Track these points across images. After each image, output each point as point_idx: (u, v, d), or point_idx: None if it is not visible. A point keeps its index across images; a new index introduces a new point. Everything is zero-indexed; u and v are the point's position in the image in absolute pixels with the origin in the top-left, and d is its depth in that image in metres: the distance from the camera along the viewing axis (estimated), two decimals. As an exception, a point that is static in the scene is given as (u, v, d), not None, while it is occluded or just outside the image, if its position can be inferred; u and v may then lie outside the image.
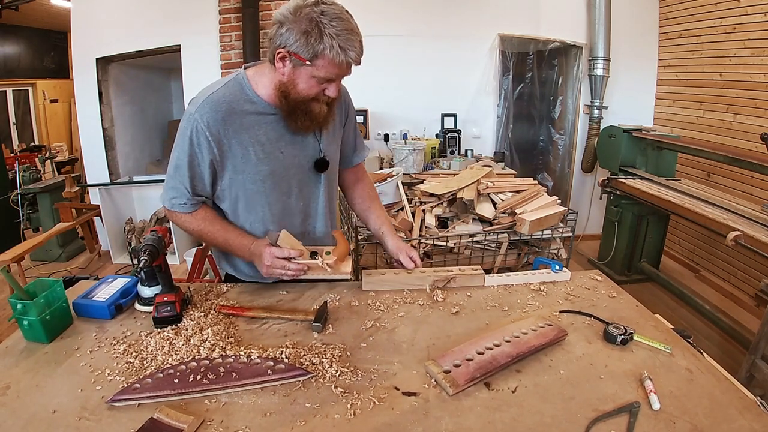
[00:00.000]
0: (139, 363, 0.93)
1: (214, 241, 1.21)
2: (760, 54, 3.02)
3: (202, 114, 1.08)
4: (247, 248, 1.18)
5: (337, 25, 0.98)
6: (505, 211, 2.28)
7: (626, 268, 3.44)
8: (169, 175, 1.16)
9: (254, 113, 1.13)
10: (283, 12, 1.00)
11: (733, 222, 2.25)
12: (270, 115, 1.14)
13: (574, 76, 3.97)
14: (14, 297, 1.01)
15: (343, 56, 0.99)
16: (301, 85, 1.06)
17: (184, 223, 1.20)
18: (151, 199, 4.09)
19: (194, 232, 1.21)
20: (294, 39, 0.99)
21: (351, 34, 0.99)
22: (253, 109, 1.13)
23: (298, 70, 1.04)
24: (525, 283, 1.31)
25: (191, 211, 1.18)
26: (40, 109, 6.64)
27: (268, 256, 1.13)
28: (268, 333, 1.07)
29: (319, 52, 0.99)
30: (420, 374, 0.91)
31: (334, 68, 1.02)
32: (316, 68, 1.02)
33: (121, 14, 3.69)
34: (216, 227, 1.20)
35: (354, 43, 1.00)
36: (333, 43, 0.98)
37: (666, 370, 0.92)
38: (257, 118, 1.13)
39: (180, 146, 1.12)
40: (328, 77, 1.05)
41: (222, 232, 1.20)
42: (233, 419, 0.78)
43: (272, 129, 1.15)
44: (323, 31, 0.97)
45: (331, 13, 0.98)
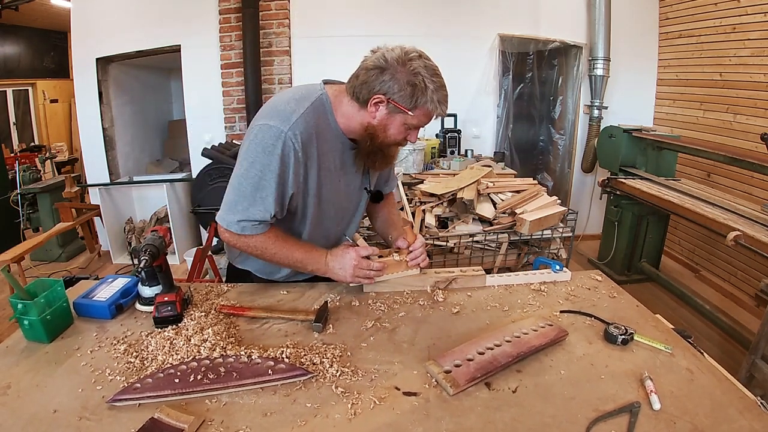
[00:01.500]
0: (140, 363, 0.93)
1: (289, 259, 1.17)
2: (760, 54, 3.02)
3: (295, 133, 1.05)
4: (324, 259, 1.19)
5: (436, 81, 1.05)
6: (505, 211, 2.28)
7: (626, 268, 3.44)
8: (240, 192, 1.08)
9: (332, 139, 1.15)
10: (387, 59, 1.03)
11: (733, 222, 2.25)
12: (340, 143, 1.17)
13: (574, 76, 3.97)
14: (15, 297, 1.01)
15: (439, 109, 1.07)
16: (391, 131, 1.11)
17: (255, 244, 1.14)
18: (151, 199, 4.08)
19: (266, 252, 1.15)
20: (398, 88, 1.03)
21: (444, 90, 1.07)
22: (331, 135, 1.14)
23: (393, 116, 1.08)
24: (525, 283, 1.31)
25: (264, 231, 1.13)
26: (40, 109, 6.64)
27: (354, 254, 1.17)
28: (269, 333, 1.07)
29: (420, 103, 1.05)
30: (420, 374, 0.91)
31: (426, 119, 1.09)
32: (412, 117, 1.07)
33: (121, 14, 3.69)
34: (290, 244, 1.17)
35: (446, 99, 1.08)
36: (433, 97, 1.05)
37: (666, 370, 0.92)
38: (333, 145, 1.16)
39: (264, 163, 1.05)
40: (418, 125, 1.11)
41: (297, 248, 1.18)
42: (234, 419, 0.78)
43: (339, 157, 1.18)
44: (427, 86, 1.03)
45: (431, 69, 1.05)
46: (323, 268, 1.19)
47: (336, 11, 3.64)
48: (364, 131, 1.12)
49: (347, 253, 1.18)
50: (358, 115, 1.11)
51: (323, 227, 1.26)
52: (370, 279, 1.21)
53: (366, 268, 1.18)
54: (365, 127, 1.11)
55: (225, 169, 3.14)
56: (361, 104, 1.08)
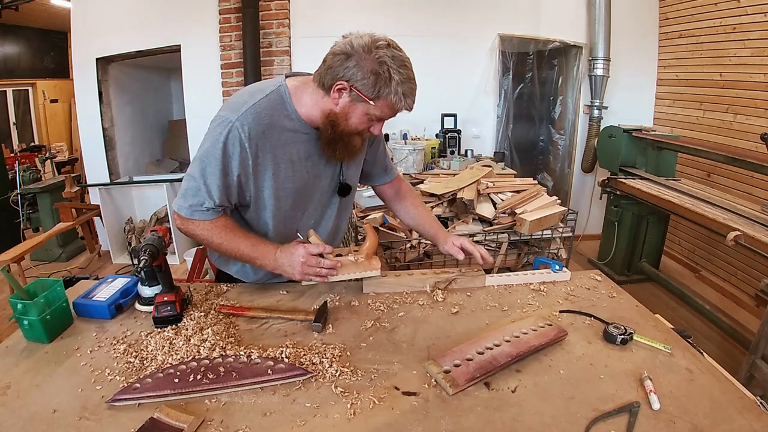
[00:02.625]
0: (140, 363, 0.93)
1: (236, 249, 1.15)
2: (760, 54, 3.02)
3: (243, 123, 1.05)
4: (273, 254, 1.14)
5: (402, 72, 1.01)
6: (505, 211, 2.28)
7: (626, 268, 3.44)
8: (191, 178, 1.10)
9: (291, 130, 1.13)
10: (353, 45, 1.00)
11: (733, 222, 2.25)
12: (303, 134, 1.14)
13: (574, 76, 3.97)
14: (14, 297, 1.01)
15: (402, 103, 1.04)
16: (353, 119, 1.08)
17: (202, 232, 1.14)
18: (151, 199, 4.08)
19: (213, 241, 1.14)
20: (361, 76, 1.00)
21: (412, 83, 1.04)
22: (291, 125, 1.12)
23: (355, 104, 1.05)
24: (525, 283, 1.31)
25: (212, 219, 1.13)
26: (40, 109, 6.64)
27: (303, 251, 1.11)
28: (268, 333, 1.07)
29: (383, 94, 1.02)
30: (420, 374, 0.91)
31: (390, 111, 1.06)
32: (374, 107, 1.05)
33: (121, 14, 3.69)
34: (237, 235, 1.15)
35: (413, 92, 1.05)
36: (398, 89, 1.01)
37: (666, 370, 0.92)
38: (293, 136, 1.13)
39: (210, 152, 1.06)
40: (381, 117, 1.08)
41: (244, 239, 1.15)
42: (233, 419, 0.78)
43: (303, 148, 1.16)
44: (391, 76, 1.00)
45: (399, 59, 1.01)
46: (272, 264, 1.14)
47: (336, 11, 3.64)
48: (326, 118, 1.09)
49: (296, 250, 1.12)
50: (322, 101, 1.08)
51: (292, 221, 1.23)
52: (322, 278, 1.15)
53: (316, 265, 1.12)
54: (326, 113, 1.08)
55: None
56: (326, 90, 1.06)
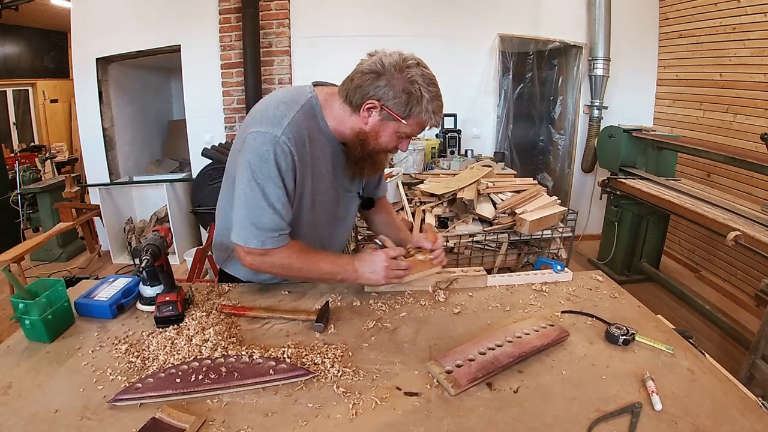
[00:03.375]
0: (141, 362, 0.93)
1: (318, 271, 1.14)
2: (760, 54, 3.02)
3: (289, 136, 1.02)
4: (352, 265, 1.15)
5: (432, 91, 1.02)
6: (505, 211, 2.28)
7: (626, 268, 3.44)
8: (252, 206, 1.04)
9: (324, 142, 1.13)
10: (384, 64, 1.01)
11: (733, 222, 2.25)
12: (331, 147, 1.15)
13: (574, 76, 3.97)
14: (16, 296, 1.01)
15: (433, 120, 1.05)
16: (383, 138, 1.08)
17: (281, 261, 1.10)
18: (151, 199, 4.08)
19: (292, 267, 1.12)
20: (393, 95, 1.01)
21: (440, 100, 1.05)
22: (322, 138, 1.12)
23: (385, 123, 1.05)
24: (527, 284, 1.31)
25: (286, 243, 1.09)
26: (40, 109, 6.64)
27: (384, 258, 1.14)
28: (270, 333, 1.07)
29: (415, 113, 1.03)
30: (422, 374, 0.91)
31: (419, 128, 1.07)
32: (405, 126, 1.05)
33: (121, 14, 3.69)
34: (315, 255, 1.14)
35: (441, 109, 1.06)
36: (428, 107, 1.02)
37: (668, 370, 0.92)
38: (324, 149, 1.13)
39: (264, 172, 1.02)
40: (410, 134, 1.09)
41: (323, 258, 1.15)
42: (235, 419, 0.78)
43: (330, 161, 1.16)
44: (423, 95, 1.01)
45: (428, 78, 1.03)
46: (353, 275, 1.16)
47: (336, 11, 3.64)
48: (355, 137, 1.09)
49: (377, 256, 1.15)
50: (350, 119, 1.08)
51: (317, 233, 1.24)
52: (400, 279, 1.19)
53: (395, 268, 1.16)
54: (356, 132, 1.08)
55: (225, 169, 3.14)
56: (354, 108, 1.06)
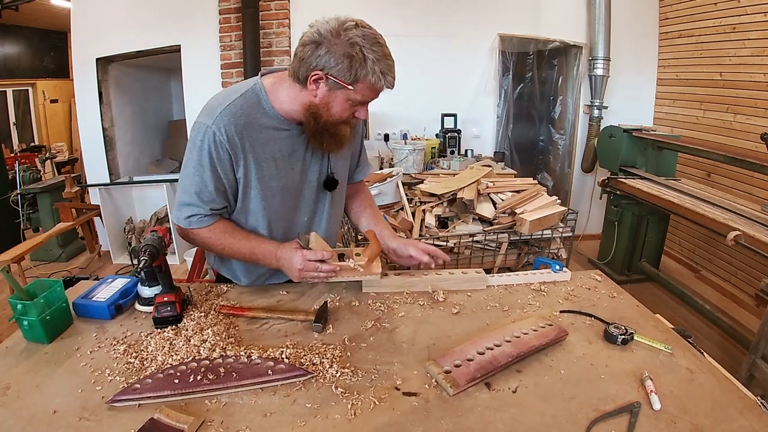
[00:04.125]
0: (140, 363, 0.93)
1: (237, 252, 1.17)
2: (760, 54, 3.02)
3: (219, 126, 1.04)
4: (274, 254, 1.15)
5: (377, 50, 0.98)
6: (505, 211, 2.28)
7: (626, 268, 3.44)
8: (183, 191, 1.11)
9: (270, 128, 1.11)
10: (321, 32, 0.98)
11: (733, 222, 2.25)
12: (284, 131, 1.13)
13: (574, 76, 3.97)
14: (14, 297, 1.01)
15: (383, 81, 0.99)
16: (335, 108, 1.05)
17: (203, 240, 1.15)
18: (151, 199, 4.08)
19: (215, 246, 1.16)
20: (335, 62, 0.97)
21: (389, 59, 1.00)
22: (269, 123, 1.11)
23: (334, 92, 1.02)
24: (525, 283, 1.31)
25: (209, 225, 1.14)
26: (40, 109, 6.64)
27: (300, 259, 1.11)
28: (269, 333, 1.07)
29: (361, 76, 0.98)
30: (420, 374, 0.91)
31: (372, 93, 1.03)
32: (354, 92, 1.01)
33: (121, 14, 3.69)
34: (237, 238, 1.16)
35: (391, 69, 1.01)
36: (375, 68, 0.97)
37: (666, 370, 0.92)
38: (273, 133, 1.12)
39: (195, 159, 1.07)
40: (363, 101, 1.05)
41: (245, 241, 1.16)
42: (233, 419, 0.78)
43: (286, 145, 1.14)
44: (366, 56, 0.97)
45: (371, 38, 0.98)
46: (275, 263, 1.16)
47: (336, 11, 3.60)
48: (307, 111, 1.06)
49: (294, 255, 1.12)
50: (300, 95, 1.06)
51: (286, 220, 1.22)
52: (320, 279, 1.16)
53: (312, 270, 1.12)
54: (307, 106, 1.06)
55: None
56: (302, 83, 1.03)
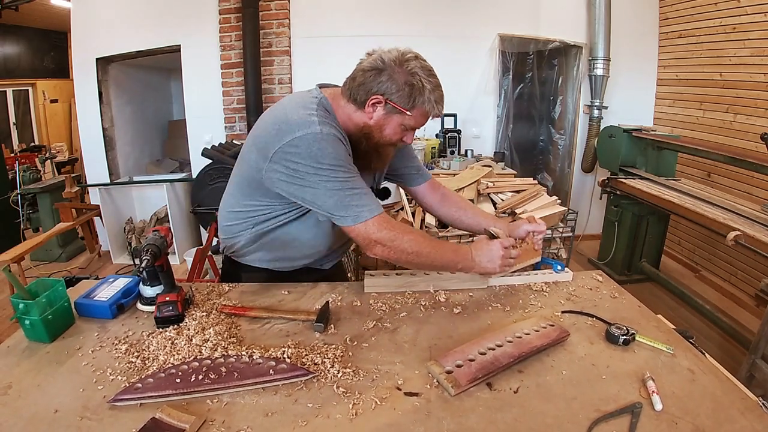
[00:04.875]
0: (141, 363, 0.93)
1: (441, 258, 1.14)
2: (760, 54, 3.02)
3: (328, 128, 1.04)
4: (469, 254, 1.17)
5: (432, 81, 1.06)
6: (505, 211, 2.28)
7: (626, 268, 3.44)
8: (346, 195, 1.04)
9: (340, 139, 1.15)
10: (384, 60, 1.05)
11: (733, 222, 2.25)
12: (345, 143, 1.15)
13: (574, 76, 3.97)
14: (16, 296, 1.01)
15: (436, 110, 1.08)
16: (387, 131, 1.11)
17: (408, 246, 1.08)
18: (151, 199, 4.08)
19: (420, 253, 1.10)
20: (396, 89, 1.04)
21: (440, 90, 1.08)
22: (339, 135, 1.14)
23: (390, 116, 1.09)
24: (527, 284, 1.31)
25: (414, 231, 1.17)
26: (40, 109, 6.63)
27: (500, 247, 1.17)
28: (270, 333, 1.07)
29: (418, 104, 1.06)
30: (422, 374, 0.91)
31: (424, 119, 1.10)
32: (409, 117, 1.08)
33: (121, 14, 3.69)
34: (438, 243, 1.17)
35: (442, 99, 1.09)
36: (431, 98, 1.06)
37: (668, 370, 0.92)
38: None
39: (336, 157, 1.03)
40: (415, 126, 1.12)
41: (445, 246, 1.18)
42: (235, 419, 0.78)
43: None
44: (424, 86, 1.05)
45: (427, 69, 1.07)
46: (470, 264, 1.17)
47: (336, 11, 3.64)
48: (360, 131, 1.13)
49: (494, 245, 1.18)
50: (355, 115, 1.12)
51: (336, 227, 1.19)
52: (510, 267, 1.23)
53: (508, 256, 1.19)
54: (361, 127, 1.12)
55: (225, 169, 3.13)
56: (359, 105, 1.10)
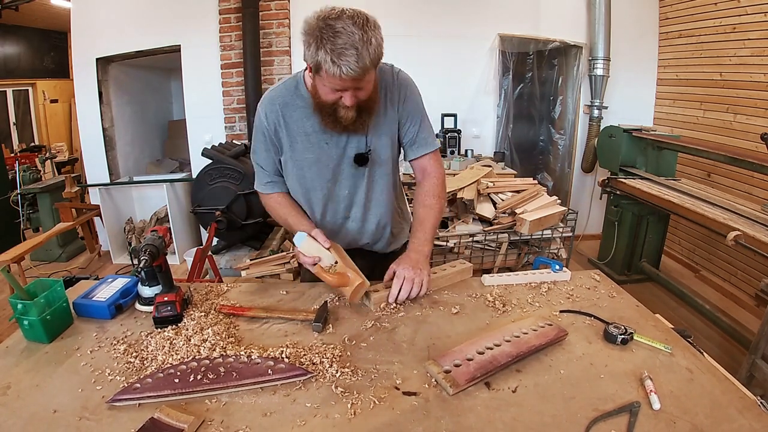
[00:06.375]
0: (140, 363, 0.93)
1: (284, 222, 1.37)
2: (760, 54, 3.02)
3: (262, 108, 1.27)
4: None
5: (334, 39, 0.99)
6: (505, 211, 2.28)
7: (626, 268, 3.44)
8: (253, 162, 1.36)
9: (303, 107, 1.24)
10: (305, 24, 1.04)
11: (733, 222, 2.25)
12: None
13: (574, 76, 3.97)
14: (15, 297, 1.01)
15: (336, 70, 1.00)
16: (321, 93, 1.13)
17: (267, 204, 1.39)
18: (151, 199, 4.08)
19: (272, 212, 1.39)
20: (305, 51, 1.05)
21: (347, 48, 0.99)
22: (303, 103, 1.24)
23: (316, 80, 1.11)
24: (525, 283, 1.31)
25: (269, 193, 1.36)
26: (40, 109, 6.64)
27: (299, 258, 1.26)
28: (269, 333, 1.07)
29: (320, 64, 1.02)
30: (420, 374, 0.91)
31: (335, 79, 1.03)
32: (323, 79, 1.07)
33: (121, 14, 3.69)
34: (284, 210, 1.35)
35: (342, 55, 0.99)
36: (326, 57, 1.00)
37: (666, 369, 0.92)
38: (305, 112, 1.24)
39: (254, 136, 1.32)
40: (335, 87, 1.08)
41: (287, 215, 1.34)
42: (233, 419, 0.78)
43: (318, 122, 1.23)
44: (320, 45, 1.00)
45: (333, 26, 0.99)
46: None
47: (336, 11, 3.63)
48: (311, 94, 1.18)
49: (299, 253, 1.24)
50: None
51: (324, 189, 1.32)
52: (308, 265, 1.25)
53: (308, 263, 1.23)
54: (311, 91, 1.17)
55: (225, 169, 3.14)
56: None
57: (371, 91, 1.14)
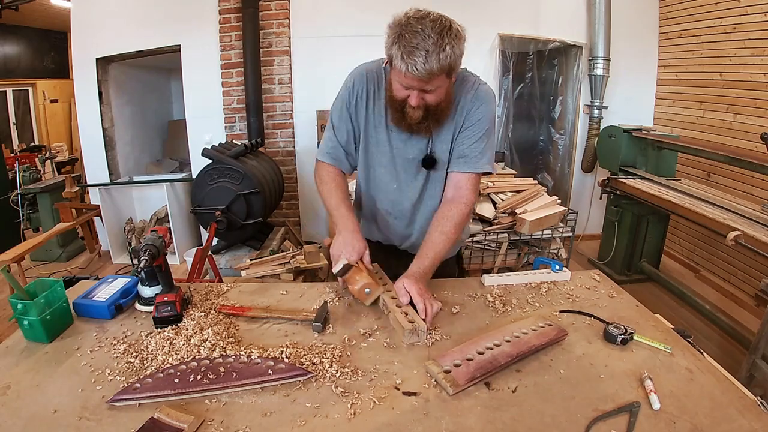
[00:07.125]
0: (140, 363, 0.93)
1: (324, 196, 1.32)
2: (760, 54, 3.02)
3: (351, 77, 1.28)
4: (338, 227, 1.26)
5: (410, 37, 1.02)
6: (505, 211, 2.28)
7: (626, 268, 3.44)
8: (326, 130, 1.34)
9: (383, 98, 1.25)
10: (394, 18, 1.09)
11: (733, 222, 2.25)
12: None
13: (574, 76, 3.97)
14: (15, 297, 1.01)
15: (401, 64, 1.03)
16: (393, 88, 1.15)
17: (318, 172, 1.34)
18: (151, 199, 4.08)
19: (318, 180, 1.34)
20: (385, 42, 1.08)
21: (418, 48, 1.01)
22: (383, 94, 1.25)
23: (390, 72, 1.14)
24: (525, 283, 1.31)
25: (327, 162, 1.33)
26: (40, 109, 6.64)
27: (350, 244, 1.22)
28: (269, 333, 1.07)
29: (392, 58, 1.06)
30: (420, 374, 0.91)
31: (405, 78, 1.07)
32: (392, 72, 1.11)
33: (121, 14, 3.69)
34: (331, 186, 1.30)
35: (412, 53, 1.02)
36: (398, 53, 1.03)
37: (666, 369, 0.92)
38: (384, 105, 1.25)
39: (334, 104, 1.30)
40: (403, 84, 1.10)
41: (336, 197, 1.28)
42: (233, 419, 0.78)
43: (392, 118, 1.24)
44: (397, 40, 1.03)
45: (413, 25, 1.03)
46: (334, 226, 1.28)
47: (336, 11, 3.64)
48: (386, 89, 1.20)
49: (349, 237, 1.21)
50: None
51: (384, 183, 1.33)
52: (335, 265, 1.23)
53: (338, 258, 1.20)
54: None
55: (225, 169, 3.13)
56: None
57: (441, 99, 1.15)
